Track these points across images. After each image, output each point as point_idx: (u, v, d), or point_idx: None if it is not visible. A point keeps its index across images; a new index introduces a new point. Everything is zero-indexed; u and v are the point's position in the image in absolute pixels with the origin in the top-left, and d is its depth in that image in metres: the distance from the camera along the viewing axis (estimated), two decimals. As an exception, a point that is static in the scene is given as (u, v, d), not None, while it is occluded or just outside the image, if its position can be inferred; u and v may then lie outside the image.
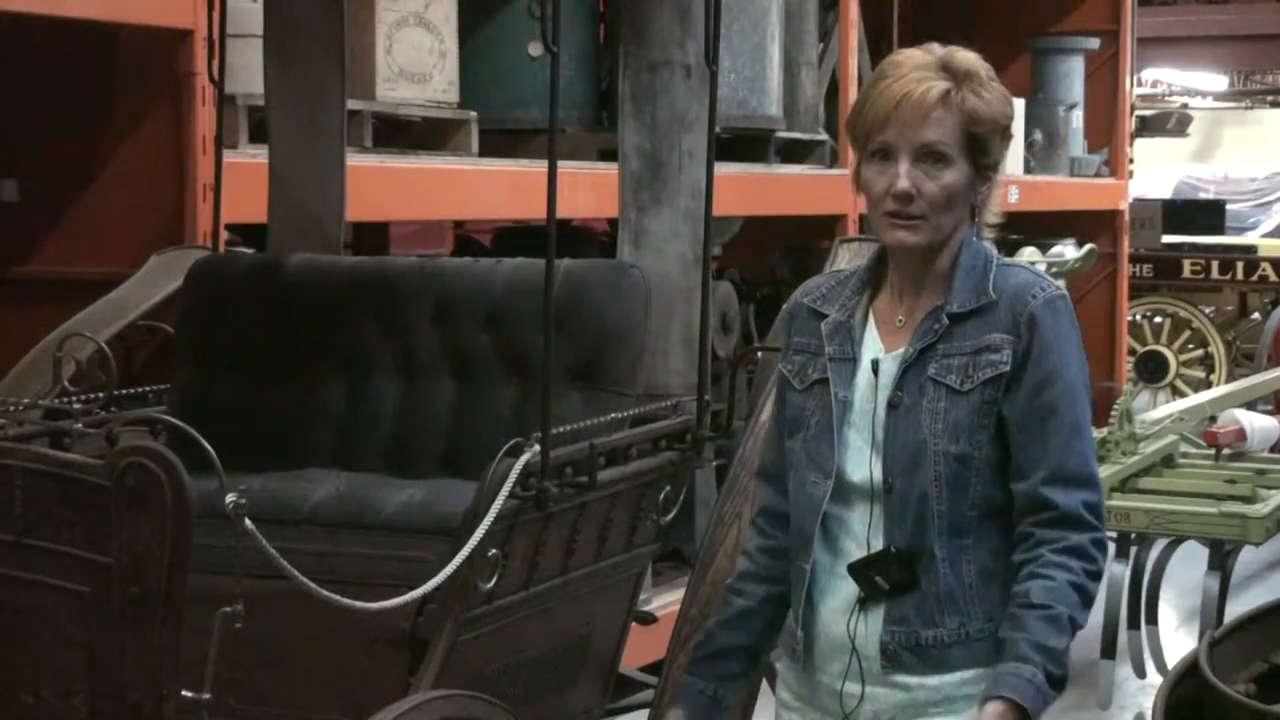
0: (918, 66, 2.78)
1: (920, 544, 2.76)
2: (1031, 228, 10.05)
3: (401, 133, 5.98)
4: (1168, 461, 6.92)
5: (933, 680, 2.77)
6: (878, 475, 2.79)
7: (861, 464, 2.81)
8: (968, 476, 2.75)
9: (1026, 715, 2.69)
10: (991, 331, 2.77)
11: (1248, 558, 7.16)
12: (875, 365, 2.82)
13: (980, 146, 2.78)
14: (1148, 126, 14.71)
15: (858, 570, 2.79)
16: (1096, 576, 2.76)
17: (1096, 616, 6.17)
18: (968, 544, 2.76)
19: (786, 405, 2.93)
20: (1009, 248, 9.87)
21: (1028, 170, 10.22)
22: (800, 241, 8.09)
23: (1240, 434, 7.01)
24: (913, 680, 2.79)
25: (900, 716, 2.81)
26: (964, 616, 2.78)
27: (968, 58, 2.81)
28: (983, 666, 2.77)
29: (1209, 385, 12.03)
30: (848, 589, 2.82)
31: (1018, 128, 9.69)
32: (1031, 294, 2.78)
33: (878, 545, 2.79)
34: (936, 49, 2.83)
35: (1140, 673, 6.37)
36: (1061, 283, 10.14)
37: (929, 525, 2.75)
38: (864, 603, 2.80)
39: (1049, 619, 2.70)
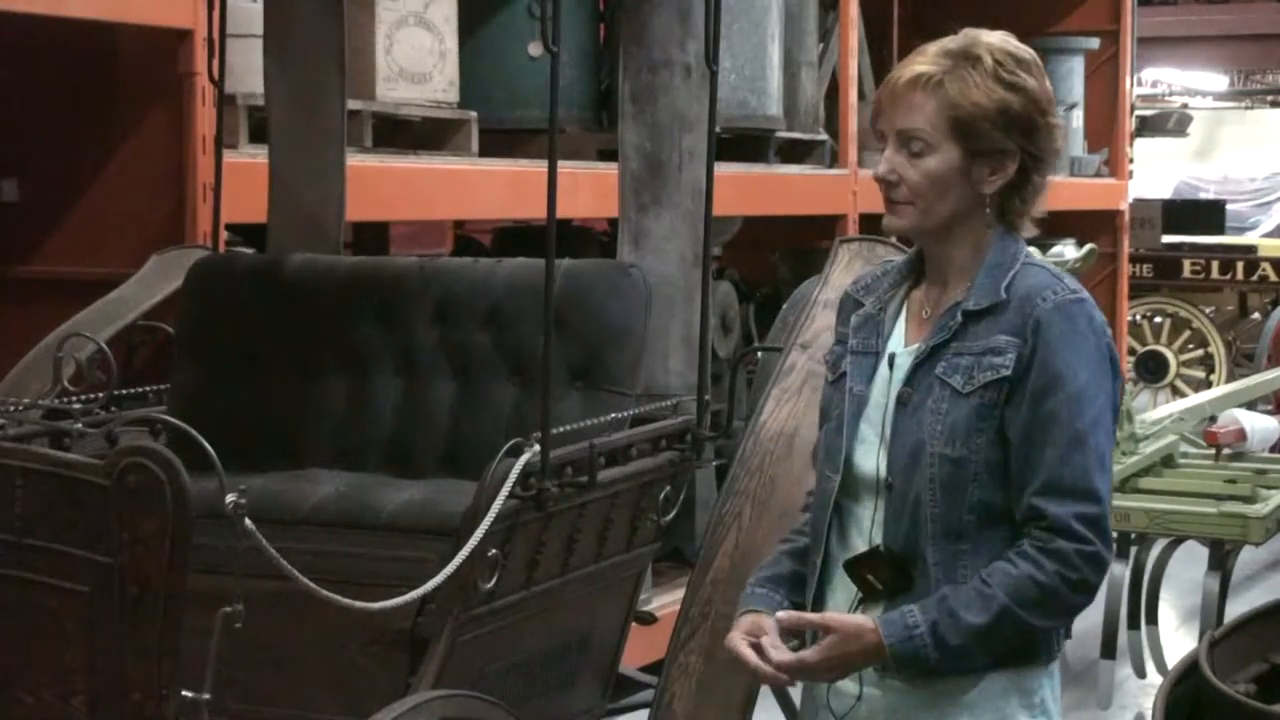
0: (921, 53, 2.76)
1: (913, 547, 2.71)
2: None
3: (401, 133, 5.97)
4: (1168, 461, 6.92)
5: (925, 686, 2.72)
6: (883, 471, 2.75)
7: (870, 459, 2.77)
8: (964, 480, 2.68)
9: (883, 652, 2.64)
10: (999, 333, 2.70)
11: (1248, 558, 7.16)
12: (892, 360, 2.79)
13: (969, 131, 2.72)
14: (1148, 126, 14.69)
15: (851, 567, 2.76)
16: (1075, 586, 2.62)
17: (1096, 616, 6.18)
18: (964, 549, 2.69)
19: (823, 396, 2.92)
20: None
21: (1028, 170, 10.20)
22: (800, 242, 8.09)
23: (1240, 434, 7.00)
24: (905, 684, 2.73)
25: (893, 719, 2.77)
26: None
27: (984, 42, 2.76)
28: (978, 674, 2.72)
29: (1209, 385, 12.01)
30: (851, 585, 2.78)
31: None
32: (1042, 296, 2.70)
33: (879, 541, 2.75)
34: (963, 35, 2.77)
35: (1140, 673, 6.37)
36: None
37: (922, 529, 2.70)
38: (863, 601, 2.76)
39: (979, 594, 2.63)
